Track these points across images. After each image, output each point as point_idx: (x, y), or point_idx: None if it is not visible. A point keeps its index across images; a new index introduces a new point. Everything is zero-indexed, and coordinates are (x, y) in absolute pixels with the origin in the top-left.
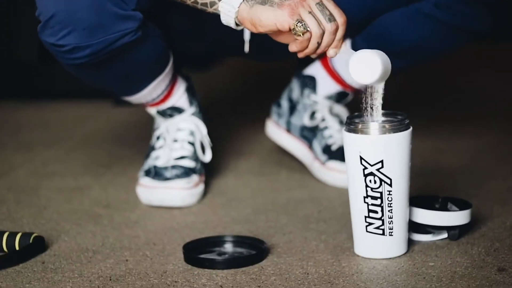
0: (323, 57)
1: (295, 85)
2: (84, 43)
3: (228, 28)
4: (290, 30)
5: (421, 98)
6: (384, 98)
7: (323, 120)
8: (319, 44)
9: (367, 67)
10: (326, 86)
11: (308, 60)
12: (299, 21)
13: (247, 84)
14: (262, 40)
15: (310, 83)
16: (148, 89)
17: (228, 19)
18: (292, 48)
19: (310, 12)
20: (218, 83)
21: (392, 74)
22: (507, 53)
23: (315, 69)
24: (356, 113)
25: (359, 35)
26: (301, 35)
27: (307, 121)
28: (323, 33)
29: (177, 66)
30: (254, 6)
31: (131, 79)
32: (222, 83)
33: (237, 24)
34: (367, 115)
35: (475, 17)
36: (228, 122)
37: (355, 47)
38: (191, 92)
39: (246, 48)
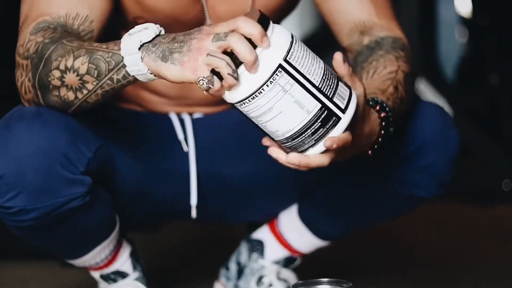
0: (271, 221)
1: (243, 249)
2: (30, 206)
3: (173, 193)
4: None
5: (365, 264)
6: (328, 268)
7: (270, 285)
8: (234, 73)
9: None
10: (274, 251)
11: (257, 224)
12: (201, 78)
13: (196, 246)
14: (211, 206)
15: (258, 247)
16: (92, 254)
17: (146, 76)
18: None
19: (208, 64)
20: (166, 244)
21: (337, 240)
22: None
23: (263, 233)
24: (301, 281)
25: (306, 201)
26: (207, 91)
27: (253, 286)
28: (233, 71)
29: (123, 230)
30: (157, 61)
31: (75, 243)
32: (171, 245)
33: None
34: None
35: (419, 185)
36: (176, 284)
37: (302, 213)
38: (135, 257)
39: (193, 213)
